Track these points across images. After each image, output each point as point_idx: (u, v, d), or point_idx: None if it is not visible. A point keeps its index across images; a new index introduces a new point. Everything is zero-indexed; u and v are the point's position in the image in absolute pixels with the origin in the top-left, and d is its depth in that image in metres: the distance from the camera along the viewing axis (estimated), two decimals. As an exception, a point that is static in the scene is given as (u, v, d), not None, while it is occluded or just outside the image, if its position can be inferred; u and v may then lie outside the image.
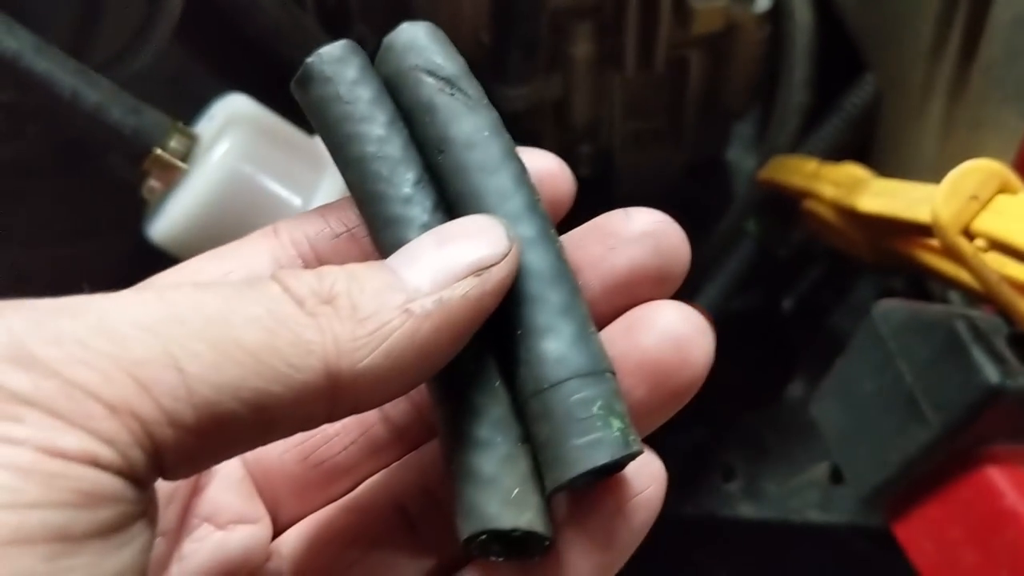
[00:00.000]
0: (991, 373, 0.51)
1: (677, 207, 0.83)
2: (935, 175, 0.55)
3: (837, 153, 0.73)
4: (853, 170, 0.63)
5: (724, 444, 0.79)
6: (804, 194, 0.66)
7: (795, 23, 0.79)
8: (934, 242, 0.53)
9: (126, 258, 0.63)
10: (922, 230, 0.53)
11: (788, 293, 0.83)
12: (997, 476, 0.54)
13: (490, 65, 0.69)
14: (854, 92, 0.75)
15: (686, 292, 0.80)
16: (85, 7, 0.56)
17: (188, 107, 0.59)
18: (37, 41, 0.48)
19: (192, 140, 0.51)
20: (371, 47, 0.70)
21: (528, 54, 0.67)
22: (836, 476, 0.74)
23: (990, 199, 0.49)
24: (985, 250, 0.49)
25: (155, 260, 0.52)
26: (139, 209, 0.56)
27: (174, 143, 0.51)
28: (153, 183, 0.50)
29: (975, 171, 0.49)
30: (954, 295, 0.65)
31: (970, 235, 0.49)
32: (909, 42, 0.67)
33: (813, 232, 0.69)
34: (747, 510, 0.74)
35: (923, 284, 0.69)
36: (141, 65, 0.56)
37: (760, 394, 0.81)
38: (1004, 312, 0.51)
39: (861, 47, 0.76)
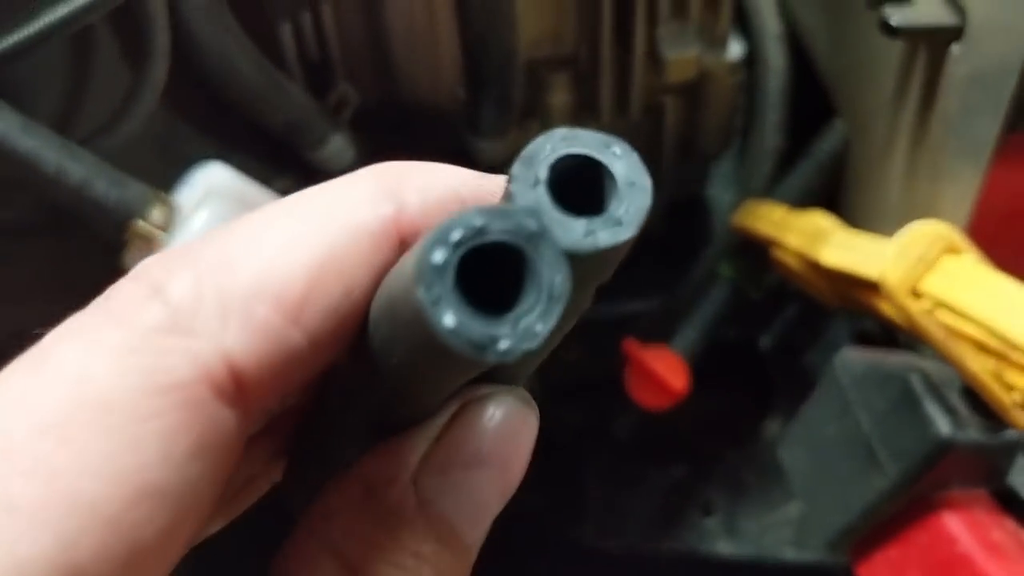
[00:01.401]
0: (943, 425, 0.53)
1: (657, 246, 0.85)
2: (898, 223, 0.57)
3: (809, 197, 0.75)
4: (817, 220, 0.65)
5: (703, 480, 0.81)
6: (771, 242, 0.68)
7: (768, 68, 0.81)
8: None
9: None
10: (877, 286, 0.55)
11: (765, 332, 0.85)
12: (952, 522, 0.56)
13: (467, 119, 0.71)
14: (825, 137, 0.77)
15: (664, 332, 0.81)
16: (72, 79, 0.59)
17: (174, 166, 0.61)
18: (23, 120, 0.50)
19: (173, 210, 0.54)
20: (354, 105, 0.72)
21: (502, 110, 0.69)
22: (810, 514, 0.76)
23: (936, 260, 0.51)
24: (931, 310, 0.51)
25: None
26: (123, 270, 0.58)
27: (155, 213, 0.53)
28: (134, 253, 0.53)
29: (922, 235, 0.51)
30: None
31: (918, 295, 0.51)
32: (873, 91, 0.69)
33: (785, 276, 0.72)
34: (724, 546, 0.76)
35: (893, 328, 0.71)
36: (128, 133, 0.59)
37: (738, 431, 0.83)
38: (953, 366, 0.53)
39: (830, 93, 0.78)
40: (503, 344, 0.21)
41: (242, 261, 0.24)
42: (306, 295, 0.24)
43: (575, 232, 0.23)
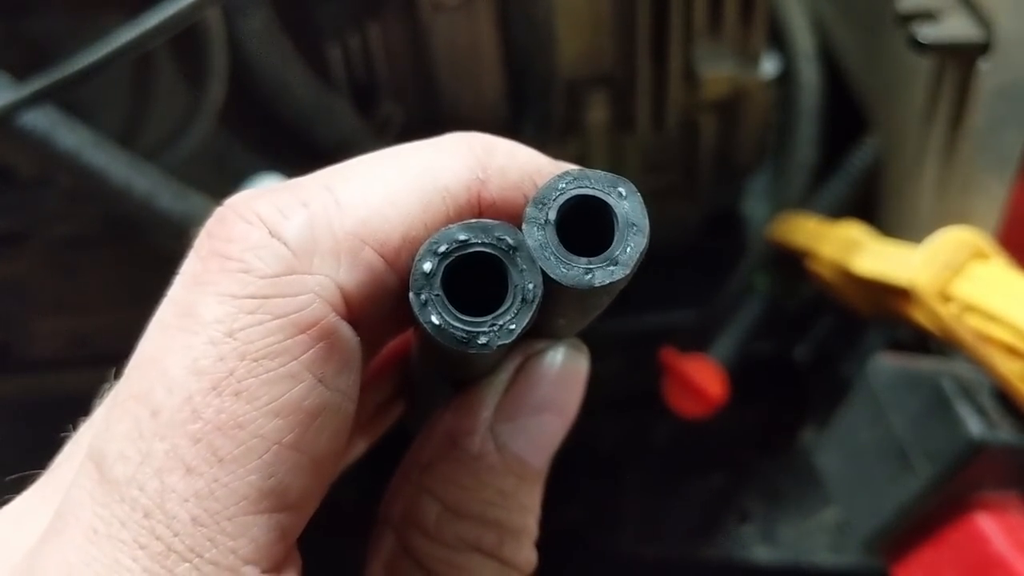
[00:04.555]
0: (974, 427, 0.54)
1: (693, 259, 0.86)
2: (930, 234, 0.59)
3: (842, 210, 0.77)
4: (850, 230, 0.67)
5: (740, 488, 0.82)
6: (805, 253, 0.70)
7: (801, 85, 0.83)
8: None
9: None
10: (908, 292, 0.57)
11: (800, 342, 0.86)
12: (986, 523, 0.57)
13: (508, 135, 0.74)
14: (858, 152, 0.78)
15: (701, 343, 0.83)
16: (135, 99, 0.62)
17: (229, 181, 0.64)
18: (94, 136, 0.54)
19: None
20: (399, 122, 0.75)
21: (543, 126, 0.71)
22: (846, 520, 0.77)
23: (965, 265, 0.52)
24: (960, 314, 0.52)
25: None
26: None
27: (216, 224, 0.56)
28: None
29: (950, 241, 0.52)
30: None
31: (948, 299, 0.53)
32: (904, 106, 0.71)
33: (819, 286, 0.73)
34: (761, 553, 0.77)
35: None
36: (187, 149, 0.62)
37: (775, 440, 0.84)
38: (984, 369, 0.55)
39: (863, 109, 0.79)
40: (482, 339, 0.26)
41: (350, 206, 0.28)
42: (402, 243, 0.28)
43: (576, 270, 0.26)
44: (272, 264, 0.26)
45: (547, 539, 0.36)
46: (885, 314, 0.66)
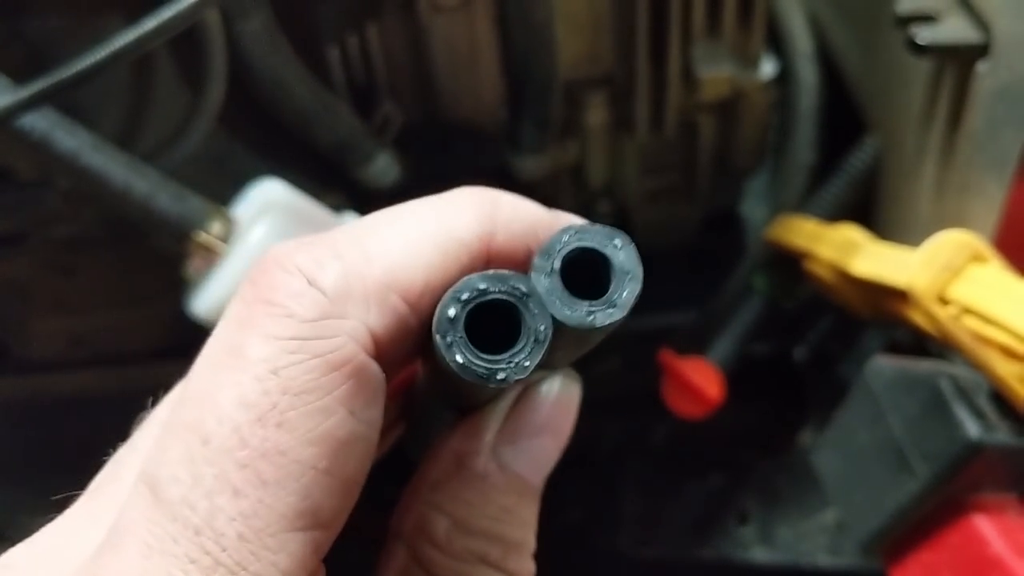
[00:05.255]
0: (972, 428, 0.54)
1: (692, 260, 0.87)
2: (928, 236, 0.59)
3: (841, 212, 0.77)
4: (848, 232, 0.67)
5: (739, 489, 0.82)
6: (804, 255, 0.70)
7: (800, 86, 0.83)
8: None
9: (170, 324, 0.68)
10: (906, 294, 0.57)
11: (798, 343, 0.86)
12: (984, 525, 0.57)
13: (508, 138, 0.74)
14: (857, 153, 0.78)
15: (700, 344, 0.83)
16: (133, 100, 0.62)
17: (228, 183, 0.64)
18: (93, 138, 0.54)
19: (231, 223, 0.57)
20: (398, 124, 0.75)
21: (542, 128, 0.71)
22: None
23: (962, 267, 0.52)
24: (958, 316, 0.52)
25: (197, 327, 0.57)
26: (182, 279, 0.61)
27: (215, 226, 0.56)
28: (195, 263, 0.56)
29: (948, 243, 0.52)
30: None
31: (946, 301, 0.53)
32: (903, 107, 0.71)
33: (818, 288, 0.73)
34: (760, 554, 0.77)
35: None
36: (187, 151, 0.62)
37: (773, 441, 0.84)
38: (981, 371, 0.55)
39: (861, 110, 0.79)
40: (500, 375, 0.30)
41: (378, 258, 0.31)
42: (424, 289, 0.32)
43: (579, 312, 0.30)
44: (311, 310, 0.30)
45: (547, 539, 0.39)
46: (883, 316, 0.66)
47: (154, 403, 0.37)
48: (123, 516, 0.30)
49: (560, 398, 0.38)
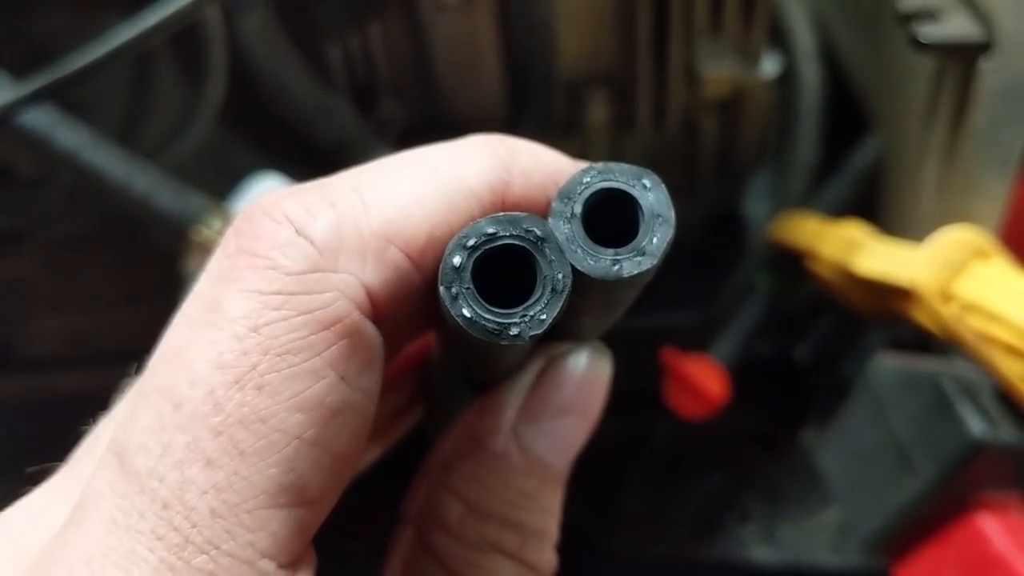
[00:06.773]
0: (975, 426, 0.54)
1: (694, 259, 0.87)
2: (932, 234, 0.59)
3: (843, 210, 0.76)
4: (851, 230, 0.67)
5: (741, 488, 0.82)
6: (806, 253, 0.70)
7: (802, 84, 0.82)
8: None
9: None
10: (909, 292, 0.57)
11: (801, 342, 0.86)
12: (987, 523, 0.57)
13: (508, 134, 0.74)
14: (859, 151, 0.78)
15: (702, 343, 0.83)
16: (133, 97, 0.62)
17: (228, 179, 0.64)
18: (94, 135, 0.54)
19: (230, 218, 0.57)
20: (399, 121, 0.74)
21: (543, 125, 0.71)
22: (847, 520, 0.77)
23: (966, 264, 0.52)
24: (961, 313, 0.52)
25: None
26: (181, 276, 0.61)
27: (215, 222, 0.56)
28: (195, 259, 0.56)
29: (952, 240, 0.52)
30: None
31: (949, 299, 0.53)
32: (905, 105, 0.71)
33: (820, 286, 0.73)
34: (761, 553, 0.77)
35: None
36: (187, 148, 0.62)
37: (775, 440, 0.84)
38: (985, 368, 0.55)
39: (864, 108, 0.79)
40: (513, 330, 0.26)
41: (376, 206, 0.28)
42: (428, 243, 0.28)
43: (604, 261, 0.26)
44: (298, 262, 0.27)
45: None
46: (886, 314, 0.65)
47: (138, 370, 0.32)
48: (89, 488, 0.27)
49: (588, 373, 0.34)
